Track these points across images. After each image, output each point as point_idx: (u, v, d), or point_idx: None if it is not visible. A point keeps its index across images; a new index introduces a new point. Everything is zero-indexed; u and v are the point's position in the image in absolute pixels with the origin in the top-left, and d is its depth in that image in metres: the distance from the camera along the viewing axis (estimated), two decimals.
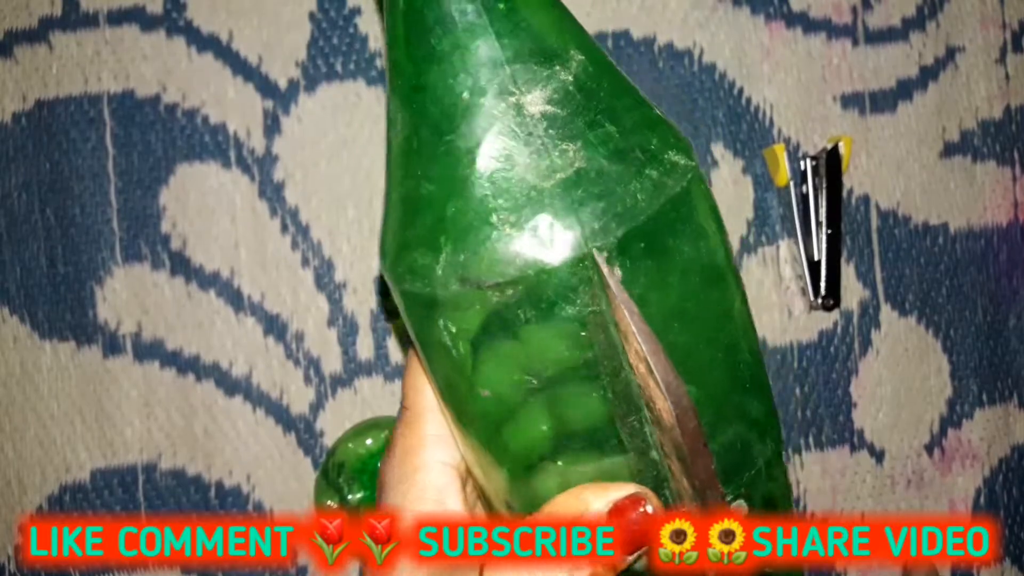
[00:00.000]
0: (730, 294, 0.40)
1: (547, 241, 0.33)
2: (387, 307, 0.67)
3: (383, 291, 0.67)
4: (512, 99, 0.34)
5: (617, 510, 0.34)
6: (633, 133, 0.35)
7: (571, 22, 0.37)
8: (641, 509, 0.34)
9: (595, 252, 0.33)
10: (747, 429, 0.38)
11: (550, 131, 0.34)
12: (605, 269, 0.33)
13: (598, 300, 0.34)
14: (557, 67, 0.35)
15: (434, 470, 0.38)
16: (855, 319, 0.68)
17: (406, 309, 0.37)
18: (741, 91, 0.68)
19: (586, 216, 0.34)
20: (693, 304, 0.37)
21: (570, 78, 0.35)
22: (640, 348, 0.34)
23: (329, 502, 0.62)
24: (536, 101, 0.34)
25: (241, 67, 0.66)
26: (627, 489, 0.35)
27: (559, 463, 0.36)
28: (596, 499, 0.34)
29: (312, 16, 0.66)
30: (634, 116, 0.36)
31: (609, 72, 0.36)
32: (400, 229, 0.37)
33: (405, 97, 0.36)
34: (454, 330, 0.36)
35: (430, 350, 0.37)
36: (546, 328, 0.34)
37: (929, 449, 0.69)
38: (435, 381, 0.38)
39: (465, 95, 0.35)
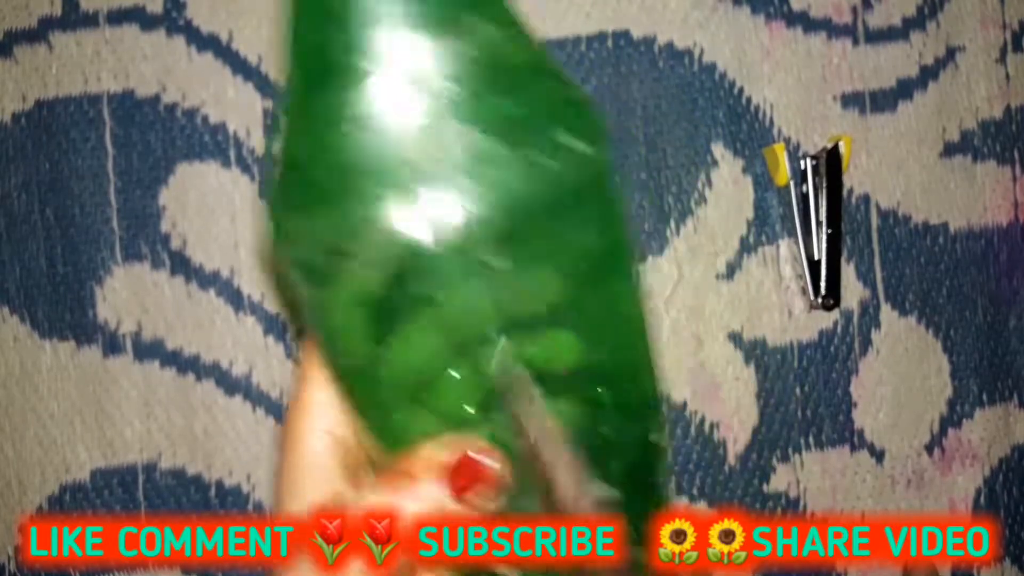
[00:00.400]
0: (619, 289, 0.38)
1: (426, 222, 0.32)
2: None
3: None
4: (406, 68, 0.32)
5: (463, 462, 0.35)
6: (535, 117, 0.33)
7: None
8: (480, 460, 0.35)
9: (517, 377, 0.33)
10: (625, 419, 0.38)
11: (443, 108, 0.32)
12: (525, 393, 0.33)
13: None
14: (460, 39, 0.33)
15: (314, 437, 0.39)
16: (855, 319, 0.68)
17: (290, 270, 0.36)
18: (741, 91, 0.67)
19: (469, 201, 0.32)
20: (584, 292, 0.35)
21: (474, 52, 0.33)
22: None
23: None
24: (432, 75, 0.32)
25: (241, 66, 0.66)
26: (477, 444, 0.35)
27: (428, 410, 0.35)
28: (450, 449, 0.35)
29: None
30: (541, 98, 0.34)
31: (522, 49, 0.34)
32: (286, 186, 0.35)
33: (295, 50, 0.34)
34: (327, 297, 0.35)
35: (305, 308, 0.36)
36: (416, 318, 0.33)
37: (929, 449, 0.69)
38: (319, 343, 0.37)
39: (354, 57, 0.32)
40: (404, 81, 0.32)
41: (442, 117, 0.32)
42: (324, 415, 0.39)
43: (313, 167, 0.33)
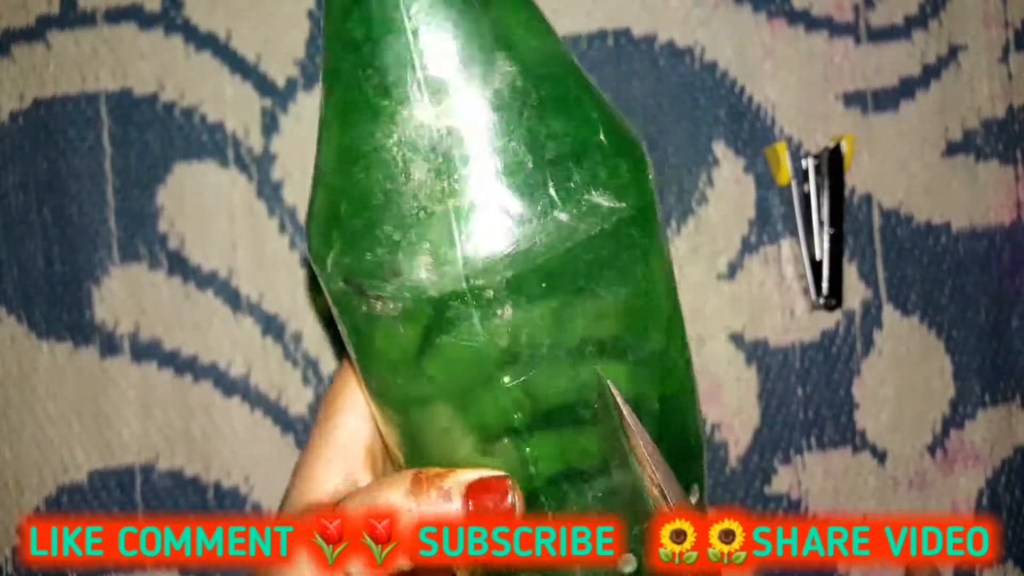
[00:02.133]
0: (661, 340, 0.37)
1: (428, 268, 0.31)
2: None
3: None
4: (417, 108, 0.32)
5: (479, 488, 0.34)
6: (553, 165, 0.32)
7: (514, 18, 0.33)
8: (506, 498, 0.34)
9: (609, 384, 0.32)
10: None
11: (454, 151, 0.32)
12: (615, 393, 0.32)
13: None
14: (476, 79, 0.32)
15: (346, 418, 0.40)
16: (857, 319, 0.68)
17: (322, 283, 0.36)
18: (743, 90, 0.67)
19: (471, 251, 0.31)
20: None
21: (488, 93, 0.32)
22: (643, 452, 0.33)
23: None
24: (445, 114, 0.32)
25: (239, 65, 0.66)
26: (495, 473, 0.35)
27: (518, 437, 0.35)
28: (467, 475, 0.35)
29: (311, 14, 0.66)
30: (560, 143, 0.33)
31: (546, 85, 0.33)
32: (317, 212, 0.35)
33: (325, 75, 0.34)
34: (345, 327, 0.35)
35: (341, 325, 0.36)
36: (456, 332, 0.33)
37: (931, 450, 0.69)
38: (353, 357, 0.37)
39: (369, 92, 0.32)
40: (435, 121, 0.32)
41: (447, 159, 0.32)
42: (358, 401, 0.40)
43: (343, 201, 0.33)
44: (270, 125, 0.66)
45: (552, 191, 0.32)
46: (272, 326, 0.66)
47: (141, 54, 0.66)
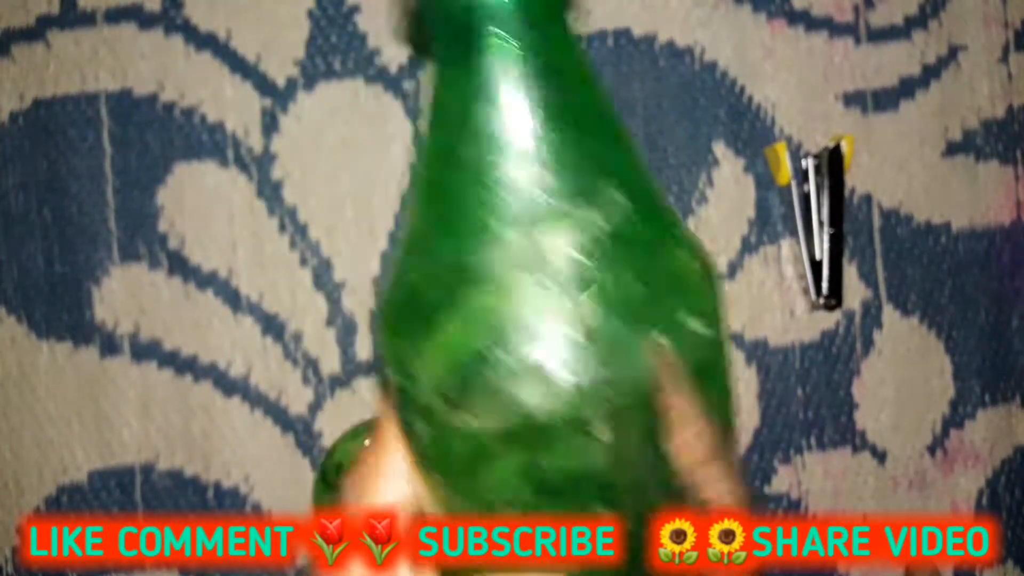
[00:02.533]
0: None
1: (536, 393, 0.31)
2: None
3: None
4: (539, 235, 0.31)
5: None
6: (661, 295, 0.33)
7: (625, 152, 0.34)
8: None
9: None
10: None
11: (568, 280, 0.31)
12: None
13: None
14: (594, 210, 0.32)
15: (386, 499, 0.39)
16: (857, 319, 0.68)
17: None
18: (743, 90, 0.67)
19: (583, 377, 0.31)
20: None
21: (606, 225, 0.32)
22: (695, 441, 0.33)
23: (327, 503, 0.62)
24: (562, 244, 0.31)
25: (239, 65, 0.66)
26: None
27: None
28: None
29: (311, 14, 0.66)
30: (667, 272, 0.33)
31: (652, 216, 0.33)
32: (398, 312, 0.34)
33: (423, 184, 0.34)
34: (425, 438, 0.35)
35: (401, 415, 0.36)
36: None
37: (931, 450, 0.69)
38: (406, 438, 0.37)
39: (485, 217, 0.32)
40: (529, 245, 0.32)
41: (563, 287, 0.32)
42: (397, 482, 0.39)
43: (442, 316, 0.33)
44: (270, 125, 0.66)
45: (659, 318, 0.32)
46: (272, 326, 0.66)
47: (141, 54, 0.66)
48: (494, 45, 0.32)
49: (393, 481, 0.39)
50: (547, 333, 0.32)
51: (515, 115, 0.32)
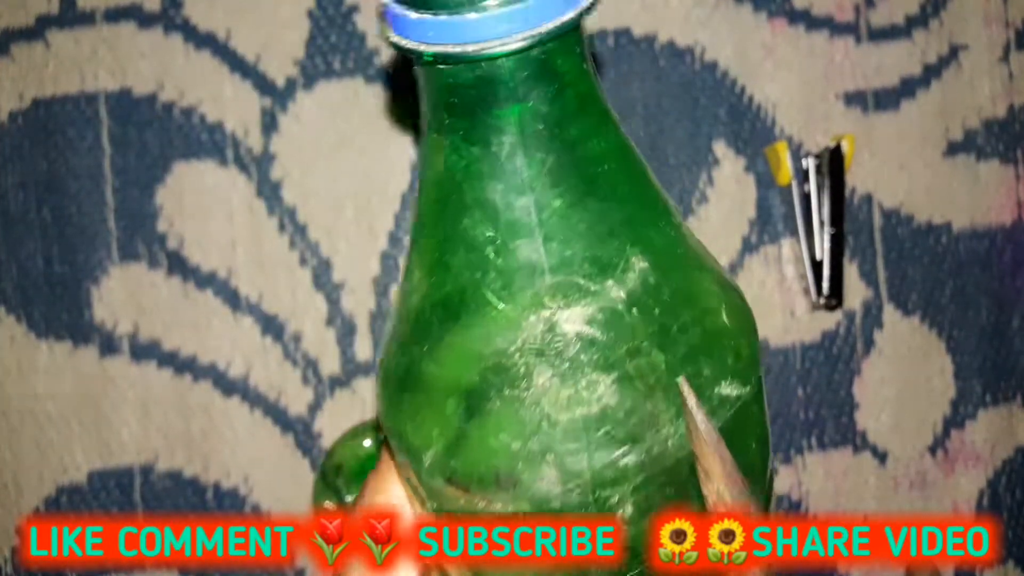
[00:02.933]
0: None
1: (551, 481, 0.29)
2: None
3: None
4: (546, 313, 0.29)
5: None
6: (683, 363, 0.30)
7: (646, 202, 0.31)
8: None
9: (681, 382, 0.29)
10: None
11: (582, 356, 0.29)
12: (691, 402, 0.30)
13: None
14: (609, 281, 0.30)
15: None
16: (858, 319, 0.68)
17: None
18: (743, 89, 0.67)
19: (599, 461, 0.29)
20: None
21: (622, 295, 0.30)
22: (726, 494, 0.31)
23: (327, 503, 0.62)
24: (573, 319, 0.29)
25: (239, 65, 0.66)
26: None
27: None
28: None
29: (310, 14, 0.66)
30: (690, 338, 0.31)
31: (676, 276, 0.31)
32: (397, 387, 0.33)
33: (425, 262, 0.32)
34: (431, 507, 0.33)
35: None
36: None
37: (932, 450, 0.69)
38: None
39: (490, 295, 0.30)
40: (564, 327, 0.29)
41: (574, 367, 0.29)
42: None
43: (448, 401, 0.31)
44: (269, 125, 0.66)
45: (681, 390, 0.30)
46: (272, 326, 0.66)
47: (140, 53, 0.66)
48: (500, 113, 0.29)
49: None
50: (558, 417, 0.29)
51: (518, 185, 0.29)
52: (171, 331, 0.66)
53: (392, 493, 0.39)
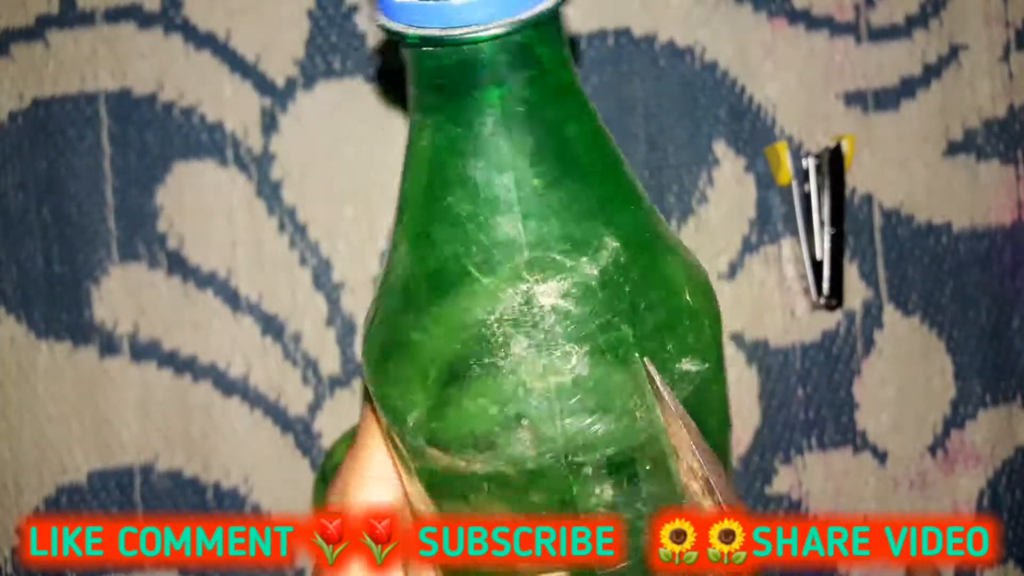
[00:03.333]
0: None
1: (526, 443, 0.31)
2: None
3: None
4: (523, 286, 0.31)
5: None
6: (649, 338, 0.32)
7: (619, 187, 0.33)
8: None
9: (646, 363, 0.31)
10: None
11: (556, 328, 0.31)
12: (659, 382, 0.31)
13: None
14: (583, 258, 0.32)
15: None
16: (858, 319, 0.68)
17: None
18: (743, 89, 0.67)
19: (572, 427, 0.31)
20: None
21: (595, 272, 0.32)
22: (698, 467, 0.32)
23: (327, 503, 0.62)
24: (549, 293, 0.31)
25: (238, 65, 0.66)
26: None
27: None
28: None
29: (310, 13, 0.66)
30: (656, 315, 0.33)
31: (645, 257, 0.33)
32: (383, 354, 0.34)
33: (410, 237, 0.33)
34: (414, 467, 0.35)
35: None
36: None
37: (932, 450, 0.69)
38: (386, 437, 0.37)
39: (471, 268, 0.32)
40: (541, 299, 0.31)
41: (549, 337, 0.31)
42: (380, 489, 0.39)
43: (431, 368, 0.33)
44: (269, 125, 0.66)
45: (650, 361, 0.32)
46: (272, 326, 0.66)
47: (140, 54, 0.66)
48: (482, 95, 0.31)
49: (377, 485, 0.40)
50: (533, 385, 0.31)
51: (498, 164, 0.31)
52: (171, 331, 0.66)
53: (363, 487, 0.39)
